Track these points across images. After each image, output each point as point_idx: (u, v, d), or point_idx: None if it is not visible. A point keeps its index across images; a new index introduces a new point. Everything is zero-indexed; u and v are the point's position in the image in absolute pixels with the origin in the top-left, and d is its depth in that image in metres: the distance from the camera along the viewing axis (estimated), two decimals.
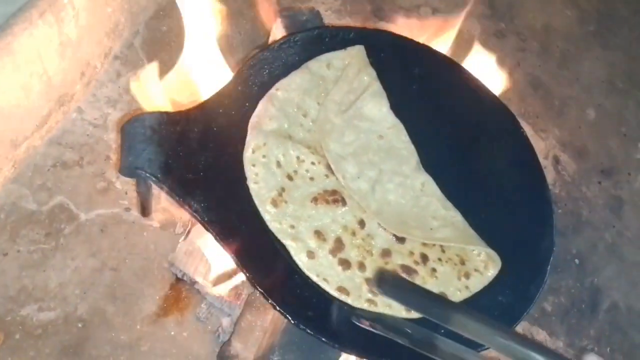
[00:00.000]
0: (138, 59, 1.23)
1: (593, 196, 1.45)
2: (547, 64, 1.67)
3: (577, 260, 1.33)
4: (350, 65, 0.94)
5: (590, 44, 1.77)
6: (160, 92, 0.99)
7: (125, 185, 1.08)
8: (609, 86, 1.69)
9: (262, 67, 0.91)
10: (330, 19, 1.55)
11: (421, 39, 1.07)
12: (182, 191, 0.72)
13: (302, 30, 1.00)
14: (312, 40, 0.97)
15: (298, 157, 0.81)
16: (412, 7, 1.65)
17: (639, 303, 1.31)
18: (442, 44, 1.18)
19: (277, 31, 1.04)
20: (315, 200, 0.79)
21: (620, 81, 1.71)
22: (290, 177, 0.80)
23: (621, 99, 1.66)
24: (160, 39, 1.28)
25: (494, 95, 1.01)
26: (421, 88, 0.99)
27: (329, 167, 0.82)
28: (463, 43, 1.23)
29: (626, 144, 1.55)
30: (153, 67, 1.02)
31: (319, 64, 0.93)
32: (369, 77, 0.94)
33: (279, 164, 0.80)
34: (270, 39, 1.08)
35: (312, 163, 0.82)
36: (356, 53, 0.94)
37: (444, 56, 1.04)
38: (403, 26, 1.58)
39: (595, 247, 1.37)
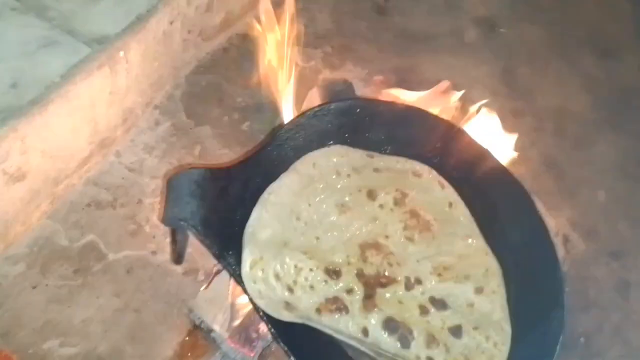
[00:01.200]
0: (176, 110, 1.30)
1: (601, 277, 1.48)
2: (561, 145, 1.73)
3: (582, 339, 1.35)
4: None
5: (603, 129, 1.84)
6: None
7: (154, 229, 1.13)
8: (620, 171, 1.74)
9: (297, 132, 0.97)
10: (356, 86, 1.64)
11: (440, 113, 1.14)
12: (219, 244, 0.77)
13: (335, 99, 1.08)
14: (344, 109, 1.04)
15: (295, 266, 0.85)
16: (435, 79, 1.74)
17: None
18: (461, 118, 1.25)
19: (313, 99, 1.11)
20: (319, 311, 0.82)
21: (631, 166, 1.76)
22: (290, 289, 0.83)
23: (632, 183, 1.71)
24: (198, 93, 1.35)
25: (511, 174, 1.07)
26: (441, 161, 1.06)
27: (326, 271, 0.86)
28: (482, 119, 1.30)
29: (635, 228, 1.59)
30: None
31: (306, 165, 0.97)
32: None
33: (277, 277, 0.84)
34: (305, 106, 1.15)
35: (310, 270, 0.85)
36: (335, 151, 0.99)
37: (465, 133, 1.10)
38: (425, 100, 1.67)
39: (601, 327, 1.38)
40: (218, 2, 1.31)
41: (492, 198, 1.03)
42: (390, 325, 0.83)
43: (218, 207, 0.79)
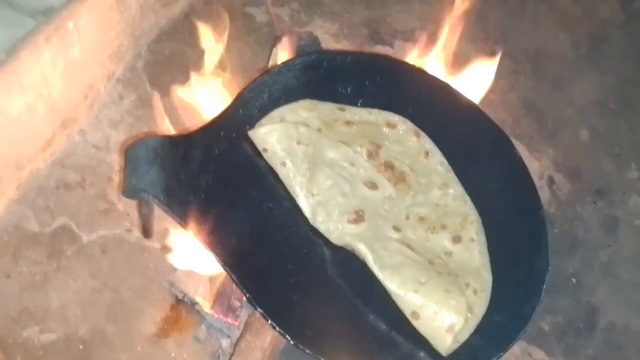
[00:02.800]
0: (140, 82, 1.25)
1: (588, 216, 1.47)
2: (541, 87, 1.70)
3: (573, 280, 1.34)
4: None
5: (582, 67, 1.80)
6: (162, 114, 1.01)
7: (127, 207, 1.10)
8: (602, 108, 1.72)
9: (262, 91, 0.93)
10: (328, 42, 1.58)
11: (417, 62, 1.10)
12: (183, 213, 0.74)
13: (300, 54, 1.03)
14: (310, 64, 1.00)
15: None
16: (408, 30, 1.69)
17: (636, 321, 1.32)
18: (438, 66, 1.21)
19: (277, 55, 1.07)
20: None
21: (613, 102, 1.74)
22: None
23: (613, 119, 1.69)
24: (162, 62, 1.30)
25: (488, 118, 1.03)
26: (415, 110, 1.02)
27: None
28: (458, 65, 1.26)
29: (619, 164, 1.58)
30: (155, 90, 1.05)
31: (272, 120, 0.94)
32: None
33: None
34: (270, 63, 1.11)
35: None
36: (303, 105, 0.96)
37: (438, 80, 1.07)
38: (399, 50, 1.62)
39: (591, 266, 1.38)
40: None
41: (469, 144, 1.00)
42: None
43: (180, 175, 0.76)
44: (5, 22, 0.88)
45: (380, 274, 0.81)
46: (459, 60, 1.31)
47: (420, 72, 1.07)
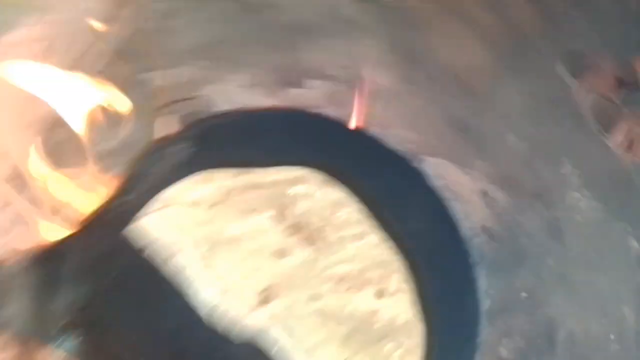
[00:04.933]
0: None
1: (528, 222, 1.44)
2: (466, 103, 1.67)
3: (524, 294, 1.30)
4: None
5: (504, 74, 1.79)
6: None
7: None
8: (527, 112, 1.70)
9: (143, 174, 0.86)
10: (240, 94, 1.52)
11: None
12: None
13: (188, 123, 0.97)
14: (200, 132, 0.95)
15: None
16: (316, 68, 1.65)
17: (594, 325, 1.28)
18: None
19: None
20: None
21: (536, 106, 1.73)
22: None
23: (539, 122, 1.67)
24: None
25: (401, 155, 1.01)
26: (326, 161, 0.97)
27: None
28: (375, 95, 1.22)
29: (551, 165, 1.56)
30: None
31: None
32: None
33: None
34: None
35: None
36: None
37: (343, 124, 1.03)
38: (310, 89, 1.58)
39: (540, 275, 1.34)
40: None
41: (384, 185, 0.96)
42: None
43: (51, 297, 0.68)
44: None
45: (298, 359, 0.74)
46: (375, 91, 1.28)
47: (325, 120, 1.03)
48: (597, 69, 1.74)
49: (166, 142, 0.88)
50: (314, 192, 0.94)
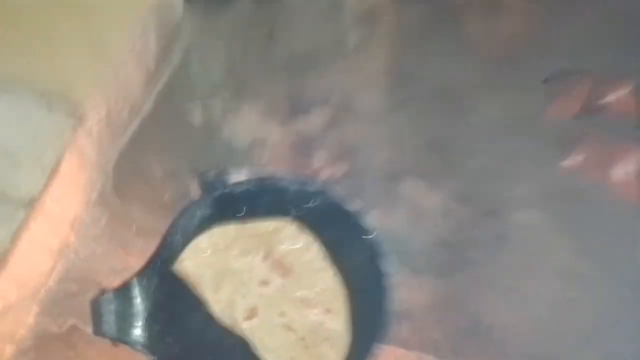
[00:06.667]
0: (111, 200, 1.68)
1: (481, 234, 1.79)
2: (444, 121, 1.95)
3: (458, 294, 1.69)
4: None
5: (486, 92, 1.97)
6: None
7: None
8: (501, 128, 1.96)
9: (178, 230, 1.35)
10: (254, 119, 1.87)
11: None
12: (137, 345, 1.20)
13: (208, 191, 1.44)
14: (217, 199, 1.41)
15: None
16: (322, 98, 1.95)
17: (512, 319, 1.63)
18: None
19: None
20: None
21: (512, 122, 1.94)
22: None
23: (508, 137, 1.89)
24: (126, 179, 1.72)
25: (340, 204, 1.40)
26: (301, 213, 1.42)
27: None
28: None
29: (509, 181, 1.80)
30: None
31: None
32: None
33: None
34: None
35: None
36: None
37: (310, 185, 1.44)
38: (316, 116, 1.94)
39: (477, 280, 1.72)
40: None
41: (335, 231, 1.39)
42: None
43: (130, 315, 1.21)
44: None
45: (264, 356, 1.24)
46: None
47: (302, 189, 1.44)
48: (569, 92, 1.96)
49: (192, 205, 1.35)
50: (292, 236, 1.40)
